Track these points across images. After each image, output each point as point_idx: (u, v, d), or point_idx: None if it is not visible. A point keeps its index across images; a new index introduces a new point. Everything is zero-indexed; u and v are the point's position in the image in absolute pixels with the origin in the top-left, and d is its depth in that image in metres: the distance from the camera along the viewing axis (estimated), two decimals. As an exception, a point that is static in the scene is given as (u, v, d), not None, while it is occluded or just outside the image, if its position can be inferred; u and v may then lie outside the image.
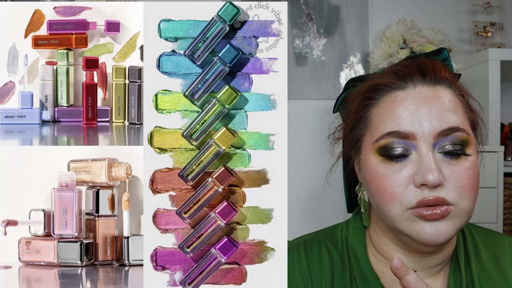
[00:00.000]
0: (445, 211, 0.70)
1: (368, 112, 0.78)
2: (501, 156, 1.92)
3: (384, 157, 0.73)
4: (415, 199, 0.71)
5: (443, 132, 0.71)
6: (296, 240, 0.88)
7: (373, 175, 0.75)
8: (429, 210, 0.70)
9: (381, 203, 0.74)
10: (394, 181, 0.72)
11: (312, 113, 2.13)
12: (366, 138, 0.78)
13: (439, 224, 0.71)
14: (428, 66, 0.76)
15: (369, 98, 0.78)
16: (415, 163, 0.72)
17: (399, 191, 0.72)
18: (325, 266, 0.83)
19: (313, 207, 2.18)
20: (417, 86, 0.75)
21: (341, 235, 0.86)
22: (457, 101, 0.75)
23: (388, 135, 0.73)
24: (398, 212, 0.72)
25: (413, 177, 0.71)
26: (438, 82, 0.75)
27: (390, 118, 0.74)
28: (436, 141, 0.72)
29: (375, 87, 0.77)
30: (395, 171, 0.72)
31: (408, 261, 0.79)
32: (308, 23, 2.26)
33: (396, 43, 2.18)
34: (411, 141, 0.72)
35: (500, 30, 2.28)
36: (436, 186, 0.70)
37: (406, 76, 0.76)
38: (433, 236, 0.71)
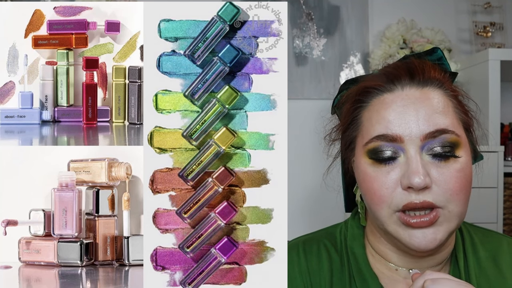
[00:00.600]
0: (434, 218, 0.70)
1: (359, 115, 0.78)
2: (501, 156, 1.92)
3: (373, 160, 0.74)
4: (402, 202, 0.71)
5: (430, 134, 0.71)
6: (295, 240, 0.88)
7: (364, 177, 0.75)
8: (416, 218, 0.70)
9: (371, 205, 0.75)
10: (382, 183, 0.73)
11: (312, 113, 2.13)
12: (358, 140, 0.78)
13: (428, 231, 0.71)
14: (417, 67, 0.76)
15: (359, 101, 0.79)
16: (403, 165, 0.72)
17: (387, 193, 0.72)
18: (324, 266, 0.83)
19: (313, 207, 2.18)
20: (405, 88, 0.75)
21: (340, 235, 0.86)
22: (447, 102, 0.75)
23: (376, 139, 0.74)
24: (387, 214, 0.73)
25: (401, 179, 0.72)
26: (427, 83, 0.75)
27: (378, 121, 0.74)
28: (424, 143, 0.72)
29: (364, 90, 0.78)
30: (383, 174, 0.73)
31: (405, 262, 0.79)
32: (308, 23, 2.26)
33: (396, 43, 2.18)
34: (398, 144, 0.72)
35: (500, 30, 2.27)
36: (423, 189, 0.70)
37: (394, 78, 0.76)
38: (421, 244, 0.71)
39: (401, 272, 0.80)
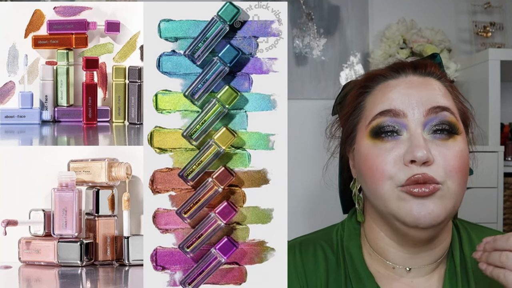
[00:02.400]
0: (433, 188, 0.71)
1: (363, 101, 0.81)
2: (501, 156, 1.92)
3: (376, 137, 0.76)
4: (405, 177, 0.72)
5: (432, 109, 0.74)
6: (292, 241, 0.89)
7: (366, 157, 0.77)
8: (418, 188, 0.72)
9: (372, 183, 0.76)
10: (385, 159, 0.74)
11: (312, 113, 2.13)
12: (360, 126, 0.80)
13: (427, 202, 0.72)
14: (420, 62, 0.81)
15: (364, 87, 0.82)
16: (405, 142, 0.74)
17: (389, 168, 0.73)
18: (320, 266, 0.83)
19: (313, 207, 2.18)
20: (408, 76, 0.79)
21: (336, 236, 0.87)
22: (447, 91, 0.79)
23: (380, 115, 0.76)
24: (389, 190, 0.74)
25: (404, 155, 0.73)
26: (429, 74, 0.80)
27: (382, 101, 0.77)
28: (426, 120, 0.74)
29: (370, 76, 0.82)
30: (387, 150, 0.74)
31: (403, 258, 0.80)
32: (308, 23, 2.26)
33: (396, 43, 2.18)
34: (401, 119, 0.75)
35: (500, 30, 2.27)
36: (425, 163, 0.72)
37: (399, 68, 0.81)
38: (421, 215, 0.71)
39: (398, 271, 0.80)
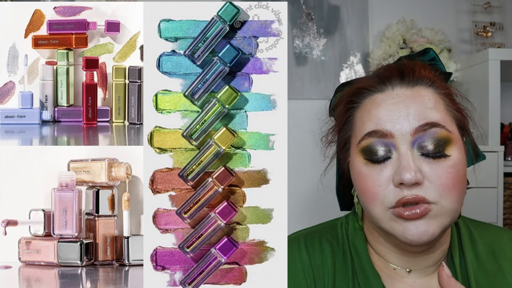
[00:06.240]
0: (424, 210, 0.70)
1: (352, 115, 0.80)
2: (501, 156, 1.92)
3: (367, 158, 0.75)
4: (394, 198, 0.72)
5: (420, 128, 0.72)
6: (295, 234, 0.88)
7: (358, 176, 0.76)
8: (408, 211, 0.71)
9: (365, 203, 0.76)
10: (375, 181, 0.73)
11: (312, 113, 2.13)
12: (352, 140, 0.79)
13: (420, 223, 0.71)
14: (408, 67, 0.77)
15: (351, 102, 0.80)
16: (395, 162, 0.73)
17: (380, 191, 0.73)
18: (328, 260, 0.83)
19: (313, 207, 2.18)
20: (395, 88, 0.76)
21: (341, 230, 0.86)
22: (438, 100, 0.75)
23: (368, 136, 0.75)
24: (380, 211, 0.73)
25: (393, 176, 0.72)
26: (417, 83, 0.76)
27: (370, 119, 0.75)
28: (414, 138, 0.72)
29: (356, 91, 0.80)
30: (377, 172, 0.73)
31: (403, 261, 0.80)
32: (308, 23, 2.26)
33: (396, 43, 2.18)
34: (390, 140, 0.73)
35: (500, 30, 2.27)
36: (415, 184, 0.70)
37: (385, 79, 0.77)
38: (414, 236, 0.71)
39: (399, 272, 0.80)
